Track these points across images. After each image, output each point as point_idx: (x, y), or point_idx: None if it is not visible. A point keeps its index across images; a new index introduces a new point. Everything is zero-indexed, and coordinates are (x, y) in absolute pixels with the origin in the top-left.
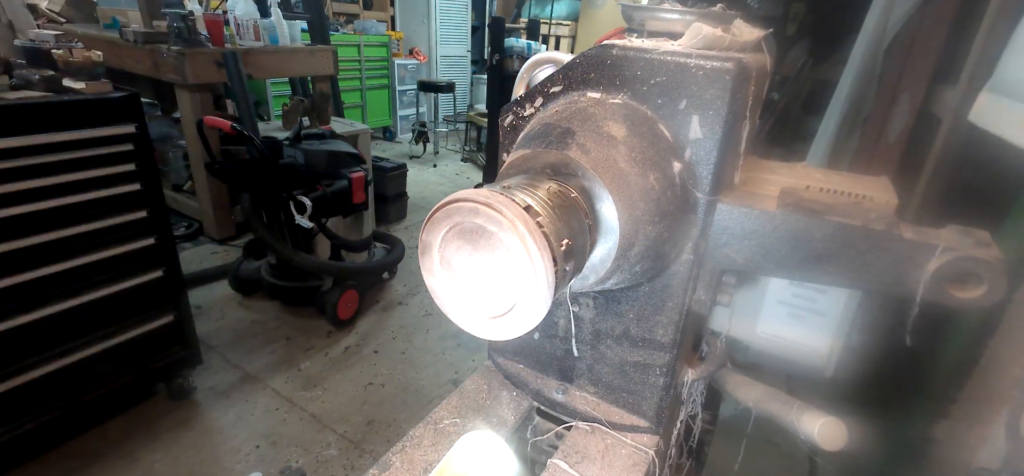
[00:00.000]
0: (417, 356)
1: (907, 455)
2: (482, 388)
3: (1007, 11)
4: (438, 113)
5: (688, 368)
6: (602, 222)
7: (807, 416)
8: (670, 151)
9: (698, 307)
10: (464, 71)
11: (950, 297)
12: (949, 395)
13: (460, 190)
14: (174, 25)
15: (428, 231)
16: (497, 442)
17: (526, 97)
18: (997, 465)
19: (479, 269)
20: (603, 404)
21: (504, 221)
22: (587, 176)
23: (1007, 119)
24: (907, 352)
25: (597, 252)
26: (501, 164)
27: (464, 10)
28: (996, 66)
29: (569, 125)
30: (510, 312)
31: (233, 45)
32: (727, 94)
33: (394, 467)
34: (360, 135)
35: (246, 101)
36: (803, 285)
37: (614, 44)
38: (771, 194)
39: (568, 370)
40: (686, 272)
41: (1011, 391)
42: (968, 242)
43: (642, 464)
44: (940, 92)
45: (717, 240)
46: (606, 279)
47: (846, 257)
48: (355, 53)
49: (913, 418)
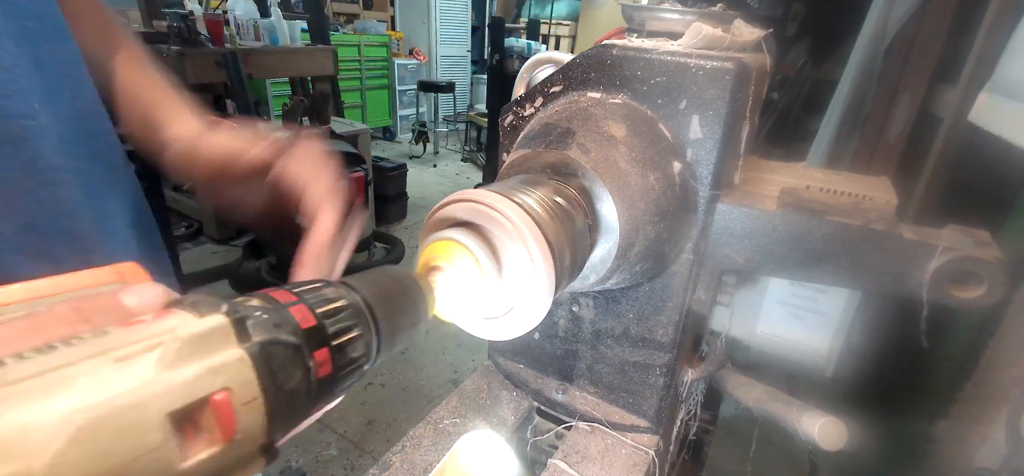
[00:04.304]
0: (417, 356)
1: (907, 455)
2: (482, 388)
3: (1007, 11)
4: (438, 113)
5: (688, 368)
6: (602, 222)
7: (807, 416)
8: (670, 151)
9: (698, 307)
10: (464, 71)
11: (950, 297)
12: (949, 395)
13: (460, 190)
14: (174, 25)
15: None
16: (497, 442)
17: (526, 97)
18: (997, 465)
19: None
20: (603, 404)
21: (504, 221)
22: (587, 176)
23: (1007, 119)
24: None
25: (597, 252)
26: (501, 164)
27: (464, 10)
28: (996, 66)
29: (569, 125)
30: (510, 312)
31: (233, 45)
32: (727, 94)
33: (394, 467)
34: (360, 135)
35: (246, 101)
36: (803, 285)
37: (614, 44)
38: (771, 194)
39: (568, 370)
40: (686, 272)
41: (1011, 391)
42: (968, 242)
43: (642, 464)
44: (940, 92)
45: (717, 240)
46: (606, 279)
47: (846, 257)
48: (355, 53)
49: (913, 418)
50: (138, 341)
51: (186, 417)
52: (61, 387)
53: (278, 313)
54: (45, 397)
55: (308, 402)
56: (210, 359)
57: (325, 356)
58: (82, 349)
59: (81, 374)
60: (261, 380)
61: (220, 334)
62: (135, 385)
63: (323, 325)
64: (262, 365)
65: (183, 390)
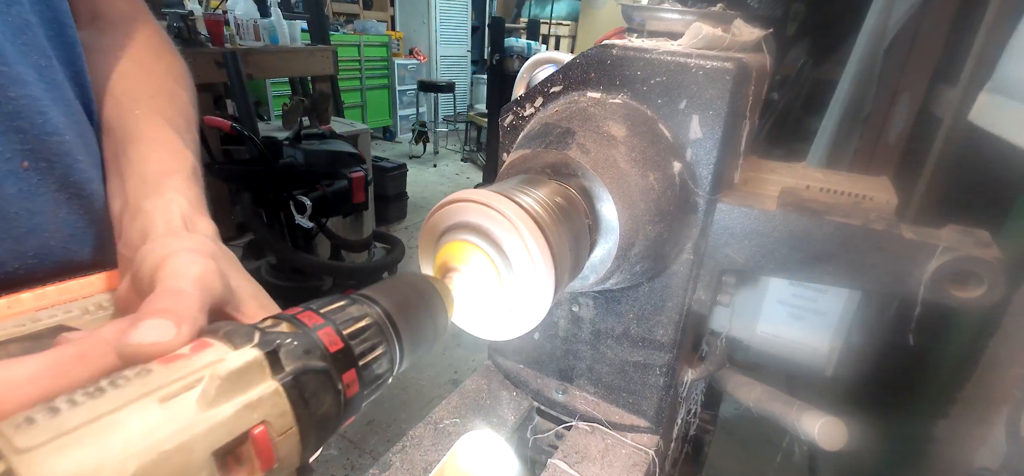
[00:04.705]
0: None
1: (907, 455)
2: (482, 388)
3: (1007, 11)
4: (438, 113)
5: (688, 368)
6: (602, 222)
7: (807, 416)
8: (670, 151)
9: (698, 307)
10: (464, 71)
11: (950, 297)
12: (949, 395)
13: (460, 190)
14: (174, 25)
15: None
16: (497, 442)
17: (526, 97)
18: (997, 465)
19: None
20: (603, 404)
21: (504, 221)
22: (587, 176)
23: (1007, 119)
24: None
25: (597, 252)
26: (501, 164)
27: (464, 10)
28: (996, 66)
29: (569, 125)
30: (510, 313)
31: (233, 45)
32: (727, 94)
33: (394, 467)
34: (360, 135)
35: (246, 101)
36: (803, 285)
37: (614, 44)
38: (771, 194)
39: (568, 370)
40: (686, 272)
41: (1011, 391)
42: (968, 242)
43: (642, 464)
44: (940, 92)
45: (717, 240)
46: (606, 279)
47: (846, 257)
48: (355, 53)
49: (913, 418)
50: (179, 379)
51: (228, 451)
52: (113, 431)
53: (307, 337)
54: (100, 443)
55: (338, 422)
56: (247, 394)
57: (353, 377)
58: (128, 391)
59: (130, 419)
60: (295, 410)
61: (255, 368)
62: (180, 427)
63: (350, 347)
64: (296, 396)
65: (225, 428)
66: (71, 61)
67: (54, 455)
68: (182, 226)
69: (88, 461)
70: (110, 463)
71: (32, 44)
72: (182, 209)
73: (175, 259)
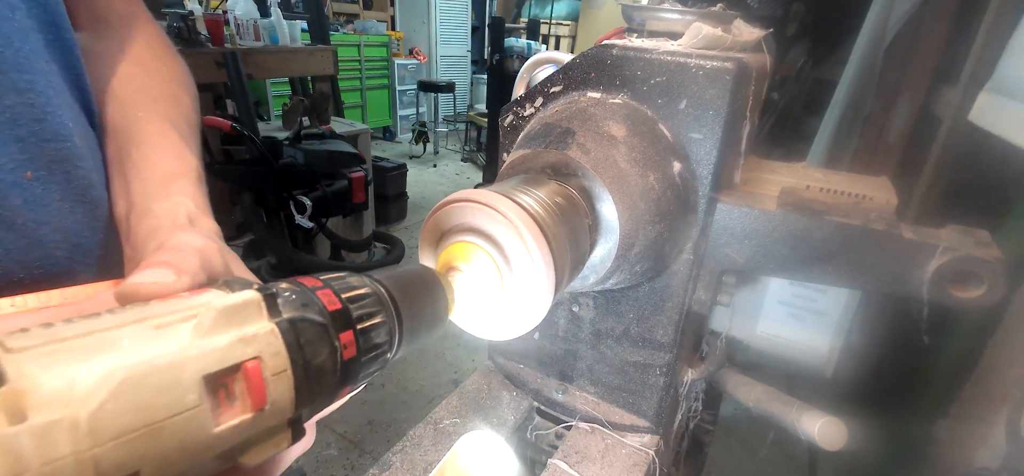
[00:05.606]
0: (417, 356)
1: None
2: (482, 388)
3: (1007, 11)
4: (438, 113)
5: (688, 368)
6: (602, 222)
7: (807, 416)
8: (670, 151)
9: (698, 307)
10: (464, 71)
11: (950, 297)
12: (949, 395)
13: (460, 190)
14: (174, 25)
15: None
16: (497, 442)
17: (526, 97)
18: (997, 465)
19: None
20: (603, 404)
21: (504, 221)
22: (587, 176)
23: (1007, 119)
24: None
25: (597, 252)
26: (501, 164)
27: (464, 10)
28: (996, 66)
29: (569, 125)
30: (510, 312)
31: (233, 45)
32: (727, 94)
33: (394, 467)
34: (360, 135)
35: (246, 101)
36: (803, 285)
37: (614, 44)
38: (771, 194)
39: (568, 370)
40: (686, 272)
41: (1011, 391)
42: (968, 242)
43: (642, 464)
44: (940, 92)
45: (717, 240)
46: (606, 279)
47: (846, 257)
48: (355, 53)
49: (913, 418)
50: (176, 312)
51: (220, 383)
52: (105, 346)
53: (305, 295)
54: (90, 354)
55: (333, 383)
56: (242, 329)
57: (350, 338)
58: (124, 316)
59: (124, 336)
60: (290, 352)
61: (252, 307)
62: (173, 348)
63: (348, 309)
64: (291, 338)
65: (217, 355)
66: (70, 65)
67: (44, 357)
68: (188, 224)
69: (77, 367)
70: (99, 368)
71: (30, 50)
72: (189, 211)
73: (179, 234)
